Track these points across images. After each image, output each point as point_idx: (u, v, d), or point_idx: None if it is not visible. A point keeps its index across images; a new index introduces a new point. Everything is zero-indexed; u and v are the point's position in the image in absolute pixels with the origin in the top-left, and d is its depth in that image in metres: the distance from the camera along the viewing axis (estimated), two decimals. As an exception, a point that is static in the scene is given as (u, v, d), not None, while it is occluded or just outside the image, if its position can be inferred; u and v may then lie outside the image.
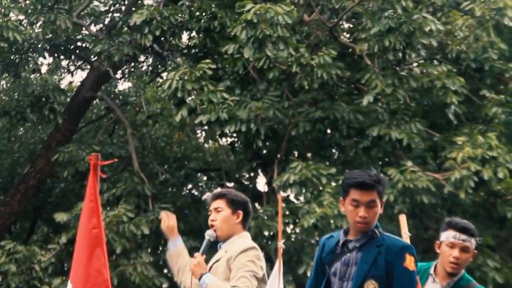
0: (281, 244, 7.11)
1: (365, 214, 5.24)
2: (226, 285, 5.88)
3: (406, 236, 6.99)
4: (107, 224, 15.14)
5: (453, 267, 6.06)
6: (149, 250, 16.84)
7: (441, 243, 6.13)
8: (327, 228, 13.70)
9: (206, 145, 21.40)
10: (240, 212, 6.19)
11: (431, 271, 6.23)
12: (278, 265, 8.01)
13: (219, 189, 6.38)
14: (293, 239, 14.97)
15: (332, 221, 14.06)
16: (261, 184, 19.50)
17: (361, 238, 5.32)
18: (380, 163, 15.93)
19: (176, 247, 6.55)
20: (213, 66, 15.55)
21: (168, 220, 6.52)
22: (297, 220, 14.51)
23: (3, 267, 16.06)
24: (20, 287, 16.34)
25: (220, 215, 6.16)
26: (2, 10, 16.80)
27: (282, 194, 15.79)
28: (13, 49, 17.45)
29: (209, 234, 6.17)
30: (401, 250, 5.28)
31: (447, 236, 6.07)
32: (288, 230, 15.05)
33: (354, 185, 5.27)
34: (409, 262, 5.24)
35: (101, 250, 6.04)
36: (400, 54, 15.24)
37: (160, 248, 17.21)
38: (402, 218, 7.91)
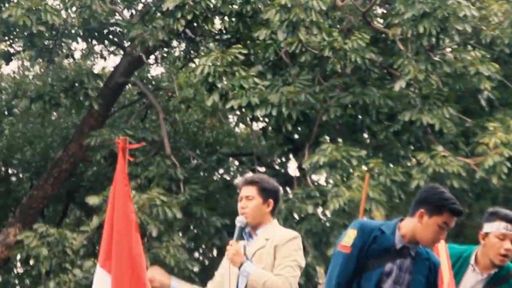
0: None
1: (444, 237, 5.39)
2: (269, 274, 5.78)
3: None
4: (140, 207, 15.21)
5: (503, 260, 5.85)
6: (180, 234, 16.89)
7: (487, 234, 5.88)
8: (355, 211, 13.65)
9: (237, 130, 21.41)
10: (271, 201, 6.05)
11: (472, 261, 5.99)
12: None
13: (251, 175, 6.17)
14: (323, 221, 14.97)
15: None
16: (292, 168, 19.51)
17: (414, 247, 5.40)
18: (411, 147, 15.86)
19: None
20: (245, 51, 15.56)
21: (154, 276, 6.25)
22: (326, 202, 14.48)
23: (35, 251, 16.21)
24: (52, 270, 16.49)
25: (251, 203, 6.01)
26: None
27: (313, 177, 15.79)
28: (50, 33, 17.50)
29: (240, 221, 6.01)
30: (439, 267, 5.48)
31: (497, 227, 5.82)
32: (319, 211, 15.05)
33: (452, 211, 5.33)
34: None
35: (139, 235, 6.12)
36: (434, 40, 15.10)
37: (191, 228, 17.23)
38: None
